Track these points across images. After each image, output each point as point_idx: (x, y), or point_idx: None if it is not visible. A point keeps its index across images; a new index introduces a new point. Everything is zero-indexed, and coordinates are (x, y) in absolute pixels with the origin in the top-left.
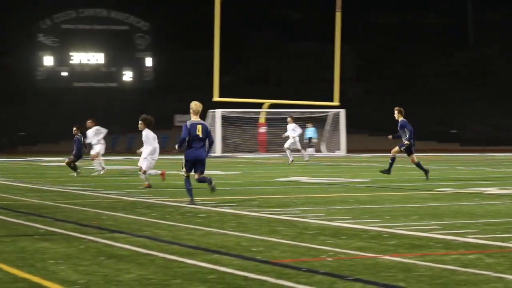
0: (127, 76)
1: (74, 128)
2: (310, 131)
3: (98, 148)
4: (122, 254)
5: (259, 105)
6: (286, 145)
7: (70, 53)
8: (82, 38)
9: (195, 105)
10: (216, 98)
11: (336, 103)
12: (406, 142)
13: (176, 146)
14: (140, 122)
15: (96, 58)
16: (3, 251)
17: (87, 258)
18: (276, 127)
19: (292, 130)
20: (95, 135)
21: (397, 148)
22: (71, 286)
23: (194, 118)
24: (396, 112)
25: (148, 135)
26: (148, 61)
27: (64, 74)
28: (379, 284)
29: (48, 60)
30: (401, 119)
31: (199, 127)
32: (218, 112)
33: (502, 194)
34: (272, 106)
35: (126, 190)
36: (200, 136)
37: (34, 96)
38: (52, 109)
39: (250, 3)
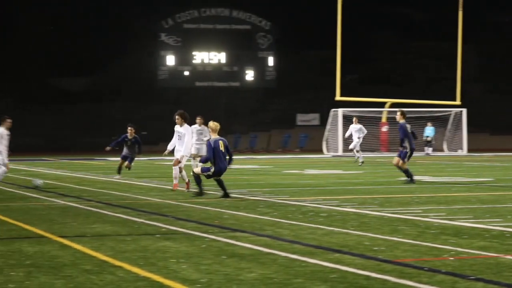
0: (249, 75)
1: (131, 129)
2: (429, 130)
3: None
4: (243, 253)
5: (381, 104)
6: (352, 146)
7: (192, 53)
8: (204, 38)
9: (214, 124)
10: (338, 97)
11: (457, 102)
12: (405, 148)
13: (199, 161)
14: (177, 117)
15: (218, 57)
16: (125, 250)
17: (208, 257)
18: (398, 126)
19: (356, 131)
20: (200, 134)
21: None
22: (192, 285)
23: (214, 136)
24: (398, 114)
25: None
26: (270, 61)
27: (186, 73)
28: (501, 284)
29: (170, 60)
30: (402, 121)
31: (221, 143)
32: (340, 112)
33: None
34: (394, 105)
35: (247, 189)
36: (223, 151)
37: (156, 96)
38: (174, 109)
39: (372, 2)
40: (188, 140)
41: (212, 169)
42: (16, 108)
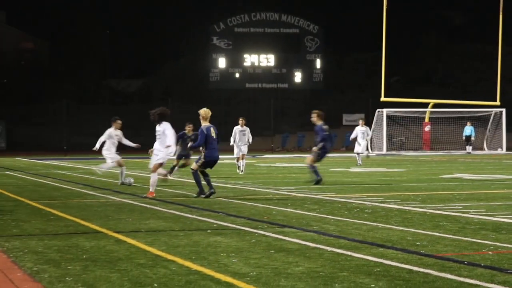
0: (297, 77)
1: (190, 126)
2: (469, 129)
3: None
4: (291, 248)
5: (424, 105)
6: (361, 150)
7: (243, 55)
8: (254, 41)
9: (204, 112)
10: (383, 98)
11: (497, 103)
12: (315, 148)
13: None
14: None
15: (267, 60)
16: (177, 245)
17: (257, 252)
18: (441, 126)
19: (362, 134)
20: (243, 135)
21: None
22: (242, 278)
23: (205, 123)
24: (314, 115)
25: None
26: (318, 63)
27: (237, 75)
28: None
29: (221, 62)
30: (319, 123)
31: (212, 129)
32: (384, 112)
33: None
34: (436, 105)
35: (295, 186)
36: (215, 137)
37: (208, 97)
38: (225, 109)
39: (416, 5)
40: (170, 141)
41: (203, 156)
42: (72, 109)
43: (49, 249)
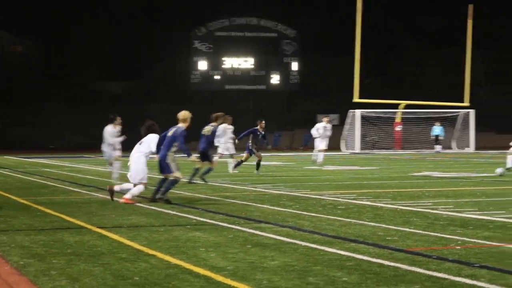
0: (275, 79)
1: (262, 123)
2: (437, 129)
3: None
4: (267, 243)
5: (396, 106)
6: (324, 147)
7: (223, 58)
8: (234, 45)
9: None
10: (356, 99)
11: (466, 104)
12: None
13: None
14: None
15: (246, 62)
16: (158, 240)
17: (235, 247)
18: (411, 126)
19: (324, 131)
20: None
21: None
22: (219, 272)
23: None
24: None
25: None
26: (294, 66)
27: (217, 77)
28: (503, 271)
29: (202, 65)
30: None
31: (173, 131)
32: (358, 112)
33: None
34: (407, 106)
35: (272, 184)
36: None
37: (189, 98)
38: (205, 110)
39: (390, 11)
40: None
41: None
42: (62, 110)
43: (35, 244)
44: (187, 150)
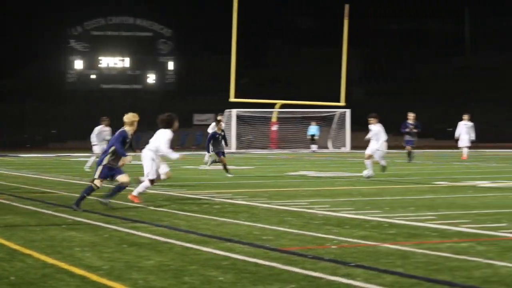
0: (151, 78)
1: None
2: (313, 129)
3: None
4: (143, 242)
5: (272, 105)
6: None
7: (99, 58)
8: (110, 44)
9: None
10: (232, 99)
11: (342, 103)
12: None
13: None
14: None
15: (122, 62)
16: (33, 239)
17: (110, 246)
18: (287, 125)
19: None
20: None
21: None
22: (95, 271)
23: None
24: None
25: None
26: (170, 65)
27: (93, 76)
28: (379, 270)
29: (78, 64)
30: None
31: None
32: (234, 112)
33: (494, 187)
34: (283, 106)
35: None
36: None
37: (65, 97)
38: (81, 109)
39: (266, 10)
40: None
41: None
42: None
43: None
44: (123, 153)
